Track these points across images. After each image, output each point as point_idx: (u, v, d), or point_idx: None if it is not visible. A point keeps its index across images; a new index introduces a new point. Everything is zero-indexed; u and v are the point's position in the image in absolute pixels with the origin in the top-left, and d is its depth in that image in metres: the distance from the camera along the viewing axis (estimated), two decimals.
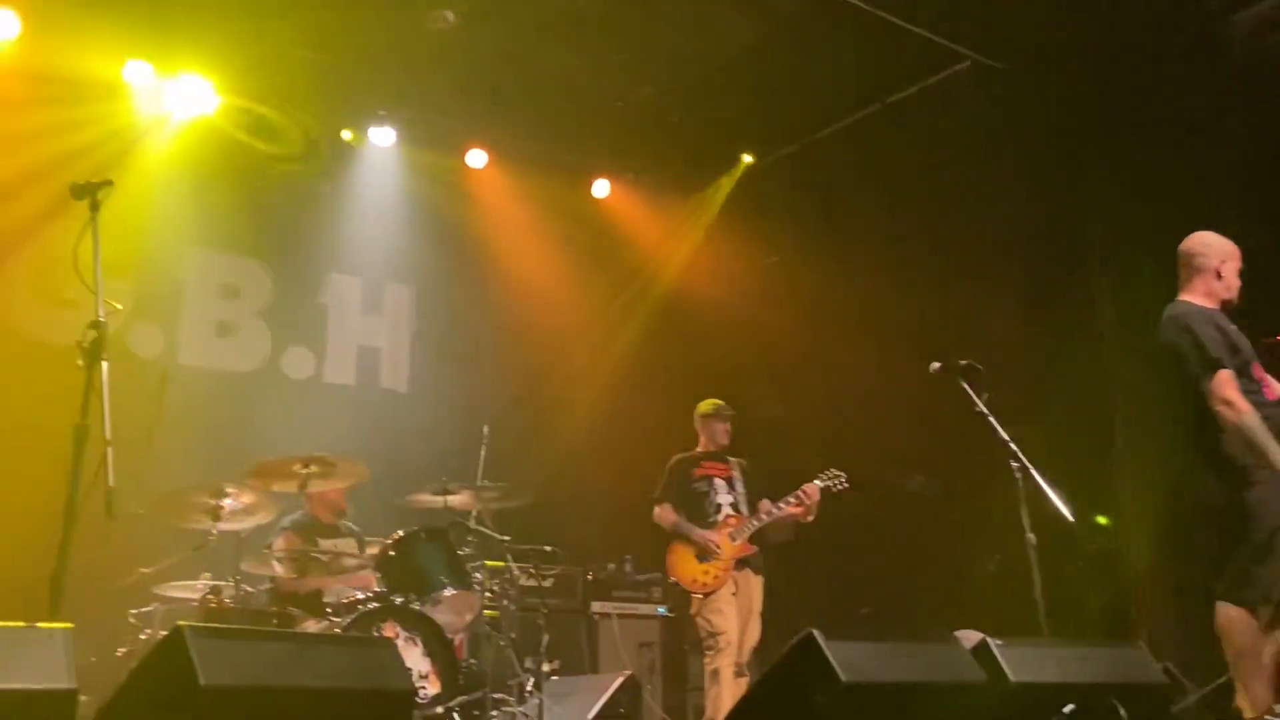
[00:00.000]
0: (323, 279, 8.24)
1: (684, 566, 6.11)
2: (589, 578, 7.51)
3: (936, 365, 5.07)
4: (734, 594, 6.02)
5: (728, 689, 5.78)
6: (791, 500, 6.09)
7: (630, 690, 6.33)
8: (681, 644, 7.55)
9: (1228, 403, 4.06)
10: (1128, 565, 6.57)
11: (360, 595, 5.41)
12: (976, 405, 4.86)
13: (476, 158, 8.30)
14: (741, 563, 6.10)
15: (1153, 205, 6.47)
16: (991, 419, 4.81)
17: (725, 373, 8.41)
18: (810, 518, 6.11)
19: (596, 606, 7.40)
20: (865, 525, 7.39)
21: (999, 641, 3.60)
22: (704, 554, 6.06)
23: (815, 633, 3.26)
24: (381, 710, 3.10)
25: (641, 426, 8.47)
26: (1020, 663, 3.57)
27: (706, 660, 5.99)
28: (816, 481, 6.10)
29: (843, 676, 3.16)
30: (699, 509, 6.22)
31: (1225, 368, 4.16)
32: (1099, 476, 6.72)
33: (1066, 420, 6.95)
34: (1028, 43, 6.87)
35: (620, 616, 7.34)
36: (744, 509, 6.20)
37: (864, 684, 3.18)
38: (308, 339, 8.09)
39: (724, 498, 6.25)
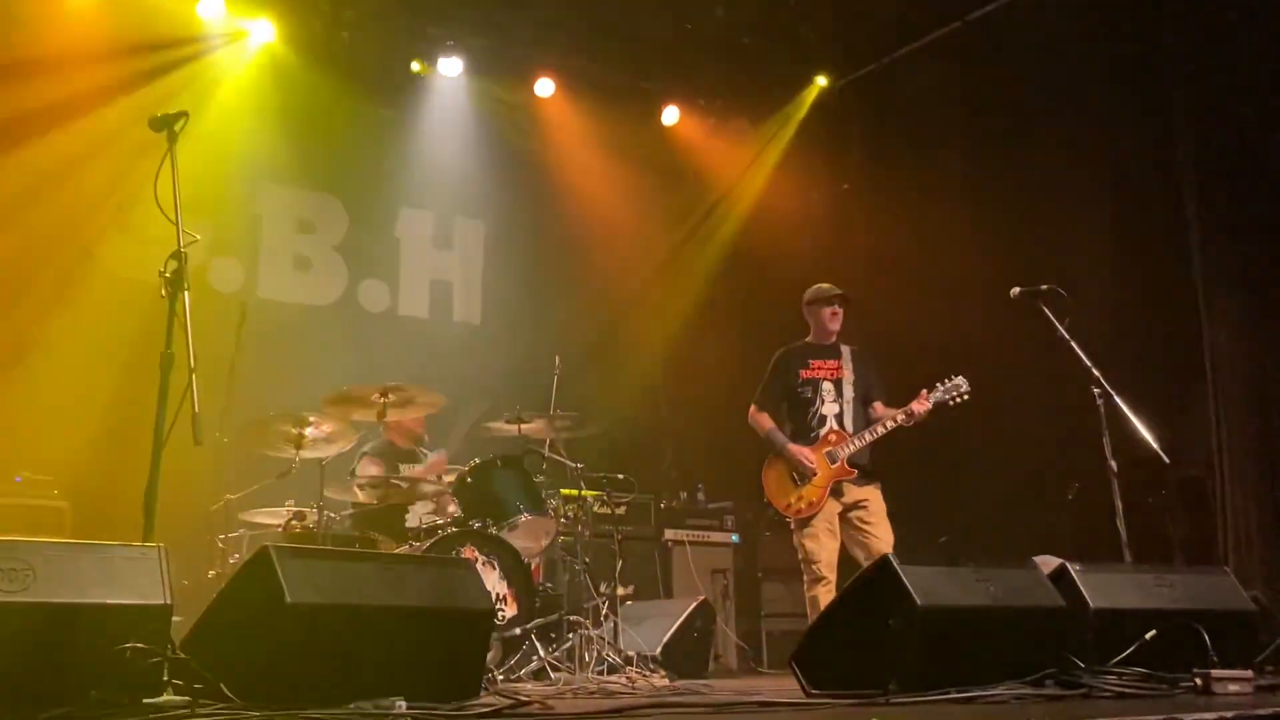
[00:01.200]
0: (395, 213, 8.30)
1: (778, 487, 5.50)
2: (661, 505, 7.56)
3: (1017, 290, 4.97)
4: (840, 513, 5.41)
5: None
6: (900, 418, 5.42)
7: (704, 614, 6.38)
8: (755, 571, 7.61)
9: None
10: (1216, 494, 6.42)
11: (439, 520, 5.52)
12: (1058, 330, 4.76)
13: (544, 87, 8.23)
14: (847, 483, 5.43)
15: (1242, 130, 6.21)
16: (1074, 344, 4.71)
17: (799, 303, 8.33)
18: (913, 423, 5.45)
19: (669, 534, 7.46)
20: (947, 451, 7.31)
21: (1079, 567, 3.57)
22: (798, 474, 5.44)
23: (891, 556, 3.26)
24: (462, 628, 3.16)
25: (714, 357, 8.46)
26: (1101, 589, 3.54)
27: (806, 586, 5.43)
28: (929, 396, 5.41)
29: (919, 600, 3.15)
30: (802, 419, 5.55)
31: None
32: (1188, 405, 6.55)
33: (1155, 347, 6.77)
34: None
35: (692, 544, 7.40)
36: (849, 421, 5.52)
37: (939, 607, 3.17)
38: (382, 272, 8.18)
39: (829, 408, 5.53)
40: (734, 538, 7.63)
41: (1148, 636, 3.41)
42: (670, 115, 8.75)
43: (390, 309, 8.17)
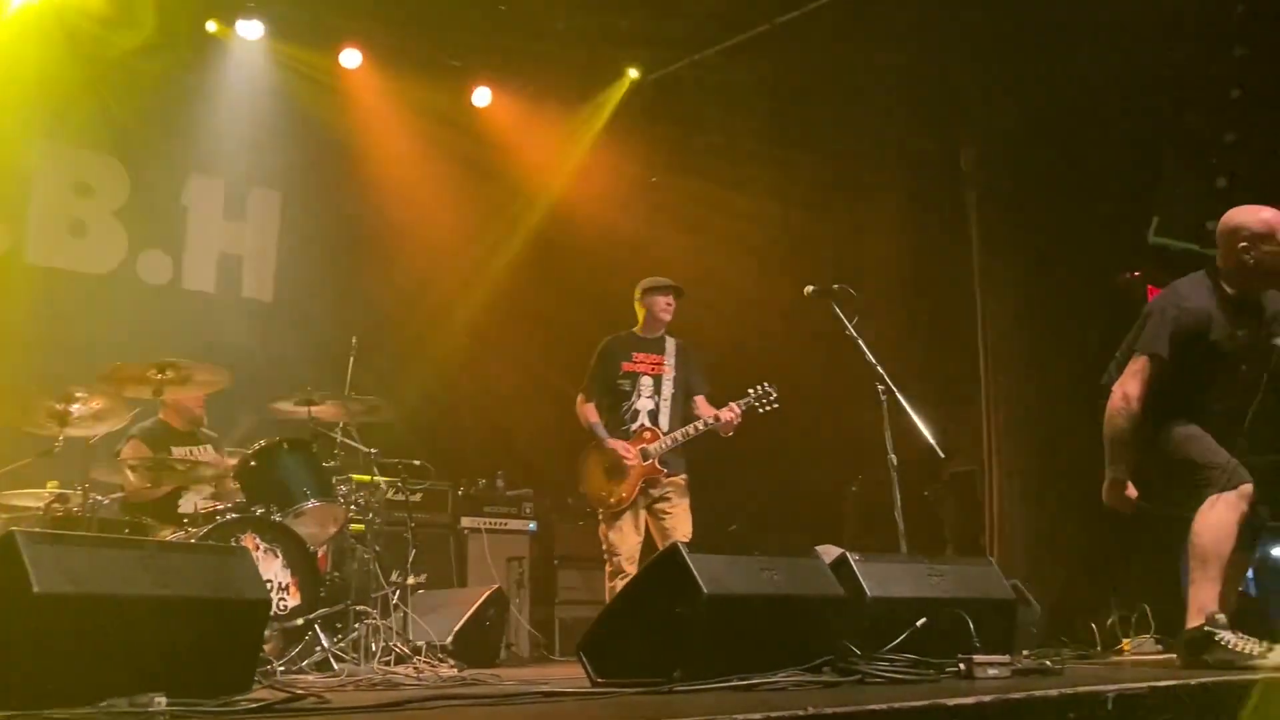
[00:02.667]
0: (183, 180, 7.81)
1: (593, 479, 5.63)
2: (459, 493, 7.45)
3: (810, 288, 5.11)
4: (645, 509, 5.60)
5: None
6: (710, 421, 5.61)
7: (498, 603, 6.34)
8: (551, 558, 7.60)
9: (1124, 395, 4.07)
10: (985, 488, 6.83)
11: (219, 505, 5.24)
12: (846, 328, 4.93)
13: (350, 57, 7.92)
14: (656, 479, 5.59)
15: (1021, 133, 6.61)
16: (860, 342, 4.89)
17: (606, 291, 8.36)
18: (728, 433, 5.68)
19: (466, 521, 7.36)
20: (737, 444, 7.48)
21: (857, 556, 3.70)
22: (613, 468, 5.56)
23: (679, 544, 3.29)
24: (233, 619, 3.00)
25: (517, 343, 8.40)
26: (877, 578, 3.68)
27: (607, 577, 5.62)
28: (739, 404, 5.60)
29: (705, 588, 3.19)
30: (616, 413, 5.68)
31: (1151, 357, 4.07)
32: (963, 404, 6.94)
33: (936, 347, 7.15)
34: None
35: (489, 531, 7.33)
36: (664, 419, 5.66)
37: (725, 595, 3.23)
38: (165, 243, 7.68)
39: (644, 403, 5.68)
40: (531, 525, 7.60)
41: (918, 624, 3.56)
42: (482, 96, 8.61)
43: (173, 281, 7.67)
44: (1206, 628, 3.79)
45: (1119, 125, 6.29)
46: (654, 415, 5.68)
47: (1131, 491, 4.09)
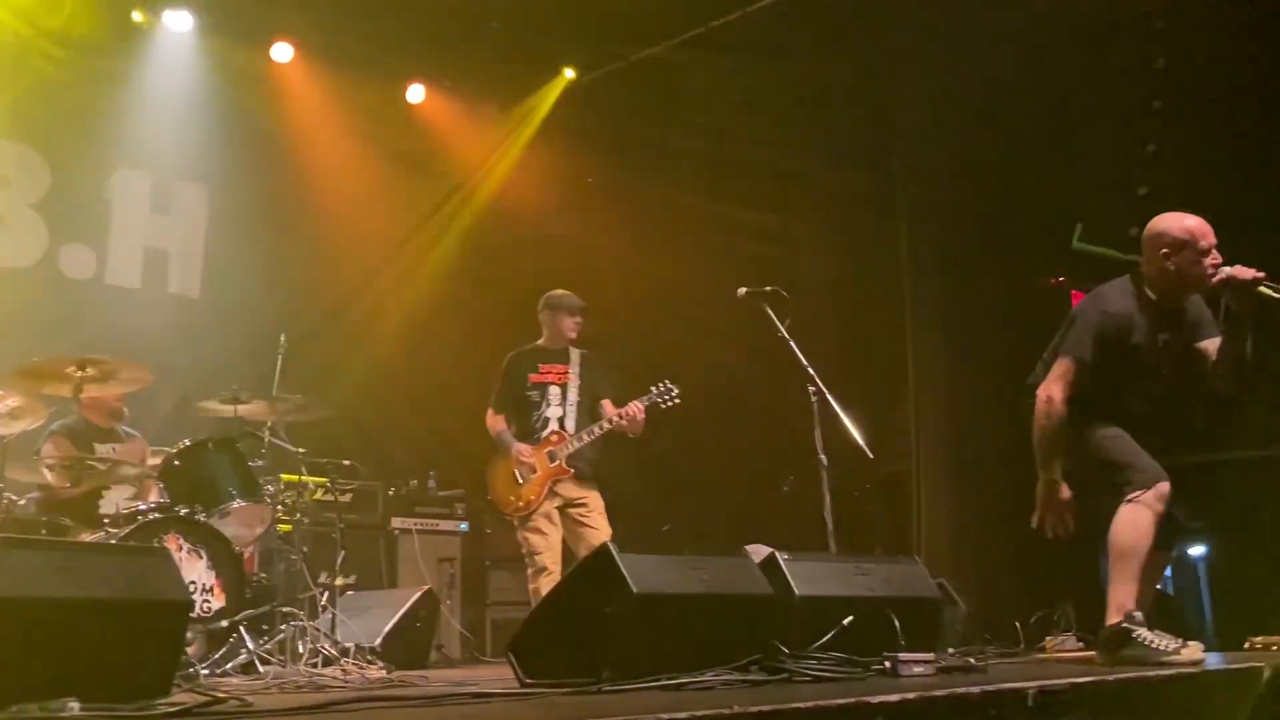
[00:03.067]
0: (108, 173, 7.62)
1: (498, 486, 5.84)
2: (390, 493, 7.37)
3: (743, 290, 5.14)
4: (559, 508, 5.73)
5: None
6: (614, 419, 5.77)
7: (428, 604, 6.28)
8: (482, 559, 7.56)
9: (1048, 398, 4.12)
10: (913, 488, 6.92)
11: (141, 506, 5.13)
12: (779, 330, 4.97)
13: (282, 51, 7.81)
14: (565, 481, 5.75)
15: (948, 138, 6.72)
16: (792, 344, 4.93)
17: (541, 291, 8.32)
18: (636, 433, 5.83)
19: (397, 522, 7.28)
20: (671, 445, 7.51)
21: (786, 556, 3.72)
22: (519, 474, 5.73)
23: (609, 544, 3.28)
24: (152, 622, 2.93)
25: (451, 343, 8.33)
26: (805, 577, 3.71)
27: (529, 578, 5.76)
28: (642, 400, 5.75)
29: (634, 587, 3.19)
30: (527, 421, 5.86)
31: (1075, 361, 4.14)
32: (892, 405, 7.03)
33: (866, 350, 7.24)
34: None
35: (420, 532, 7.25)
36: (570, 423, 5.83)
37: (654, 595, 3.23)
38: (88, 237, 7.48)
39: (553, 411, 5.86)
40: (463, 526, 7.54)
41: (845, 622, 3.59)
42: (416, 93, 8.53)
43: (96, 276, 7.48)
44: (1124, 625, 3.88)
45: (1043, 132, 6.42)
46: (562, 421, 5.87)
47: (1065, 493, 4.13)
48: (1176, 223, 4.12)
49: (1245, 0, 5.89)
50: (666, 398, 5.76)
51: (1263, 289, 3.96)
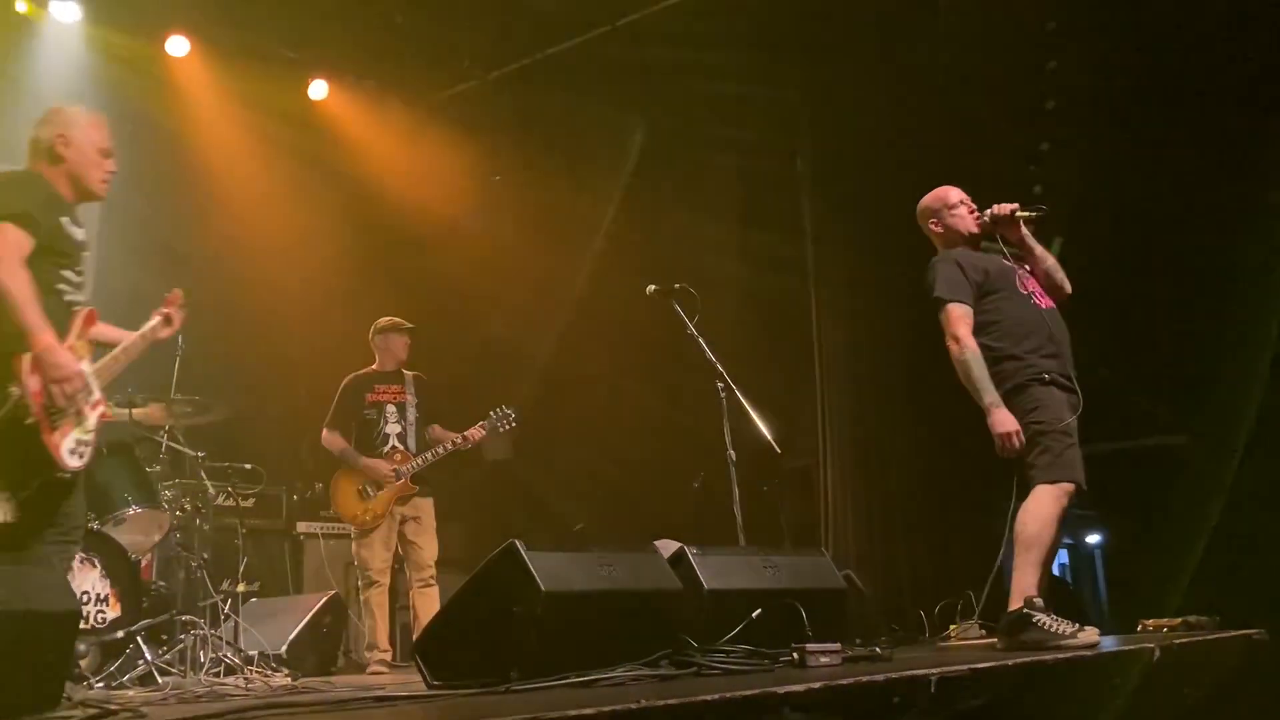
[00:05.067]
0: None
1: (345, 500, 6.07)
2: (294, 497, 7.22)
3: (652, 287, 5.16)
4: (401, 525, 6.04)
5: (381, 617, 6.02)
6: (458, 441, 6.13)
7: (335, 610, 6.18)
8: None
9: (954, 337, 4.22)
10: (820, 483, 7.02)
11: None
12: (687, 327, 4.99)
13: (177, 45, 7.58)
14: (406, 497, 6.06)
15: (852, 138, 6.84)
16: (700, 341, 4.96)
17: (446, 290, 8.24)
18: (495, 457, 6.45)
19: (302, 526, 7.14)
20: (582, 442, 7.50)
21: (695, 550, 3.74)
22: (364, 489, 6.01)
23: (517, 543, 3.25)
24: (37, 634, 2.82)
25: (356, 343, 8.16)
26: (714, 571, 3.73)
27: (360, 591, 6.10)
28: (481, 425, 6.12)
29: (542, 585, 3.17)
30: (368, 438, 6.13)
31: (955, 302, 4.26)
32: (800, 402, 7.12)
33: (774, 347, 7.31)
34: None
35: (326, 536, 7.11)
36: (411, 441, 6.13)
37: (562, 593, 3.21)
38: None
39: (393, 428, 6.15)
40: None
41: (754, 615, 3.62)
42: (319, 89, 8.37)
43: None
44: (1025, 610, 3.98)
45: (942, 130, 6.57)
46: (402, 438, 6.15)
47: (1008, 422, 4.08)
48: (927, 196, 4.60)
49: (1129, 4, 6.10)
50: (505, 421, 6.15)
51: (1019, 215, 4.40)
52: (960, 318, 4.26)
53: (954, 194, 4.54)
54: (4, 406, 3.31)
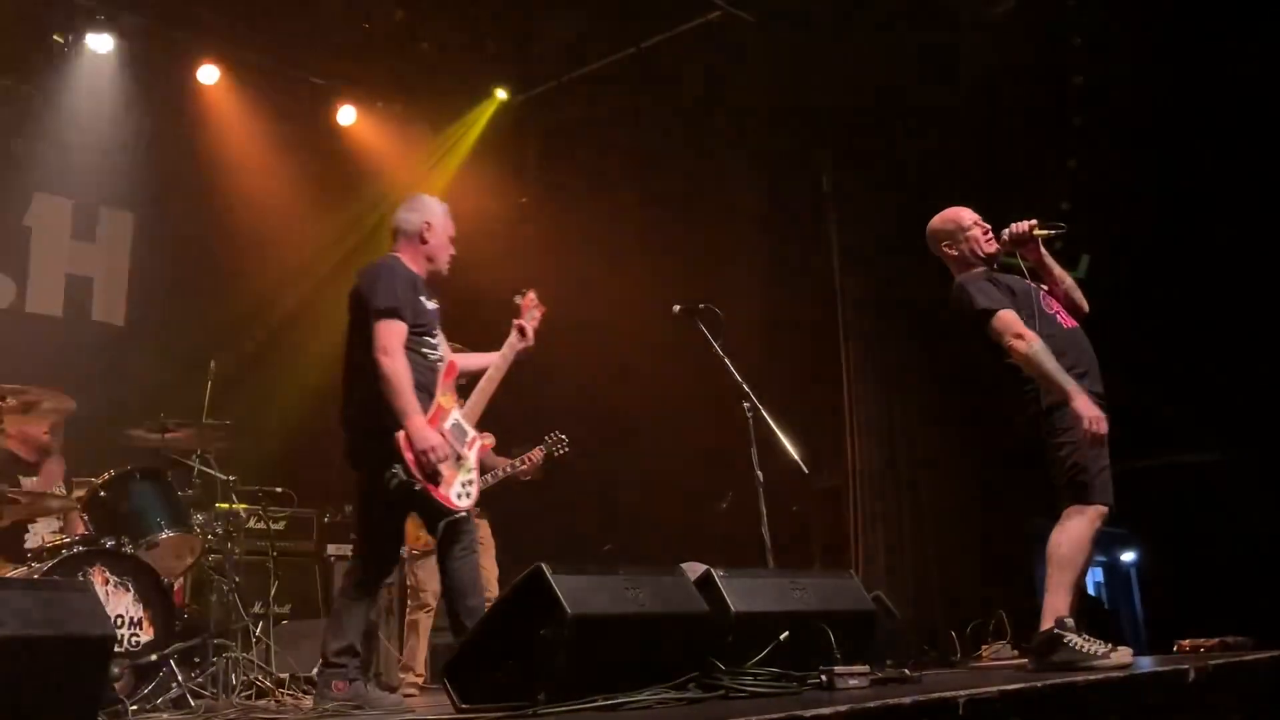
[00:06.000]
0: (26, 199, 7.43)
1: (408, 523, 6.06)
2: (325, 520, 7.25)
3: (678, 308, 5.17)
4: None
5: (423, 642, 5.95)
6: (518, 465, 6.06)
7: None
8: None
9: (1018, 335, 4.13)
10: (850, 504, 6.98)
11: (66, 539, 4.99)
12: (713, 347, 4.99)
13: (208, 73, 7.69)
14: None
15: (879, 159, 6.83)
16: (727, 361, 4.95)
17: (472, 312, 8.27)
18: (531, 477, 6.14)
19: (333, 549, 7.16)
20: (609, 463, 7.50)
21: (722, 573, 3.73)
22: None
23: (543, 566, 3.26)
24: (73, 658, 2.85)
25: None
26: (741, 593, 3.71)
27: (408, 611, 6.02)
28: (540, 449, 6.07)
29: (569, 609, 3.17)
30: None
31: (1003, 309, 4.19)
32: (830, 422, 7.08)
33: (802, 367, 7.29)
34: None
35: None
36: None
37: (589, 616, 3.21)
38: (7, 264, 7.29)
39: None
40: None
41: (781, 638, 3.61)
42: (346, 114, 8.45)
43: (15, 305, 7.28)
44: (1055, 631, 3.94)
45: (970, 150, 6.56)
46: None
47: (1093, 407, 3.98)
48: (938, 219, 4.50)
49: (1155, 21, 6.07)
50: (559, 446, 6.08)
51: (1038, 233, 4.31)
52: (1014, 320, 4.18)
53: (967, 216, 4.47)
54: (392, 484, 3.95)
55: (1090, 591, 6.43)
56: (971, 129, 6.67)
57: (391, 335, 4.05)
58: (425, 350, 4.21)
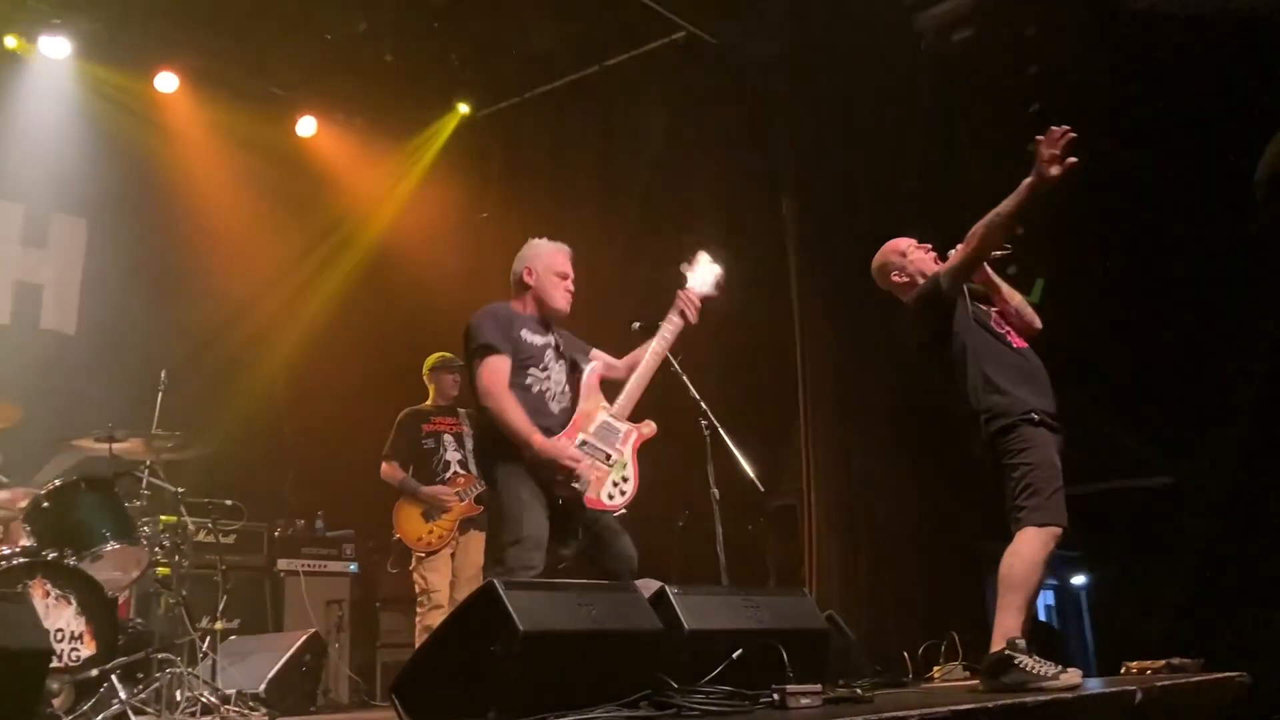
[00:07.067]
0: None
1: (409, 524, 6.11)
2: (276, 534, 7.16)
3: (637, 325, 5.16)
4: (452, 554, 6.10)
5: None
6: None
7: (314, 648, 6.10)
8: (372, 601, 7.39)
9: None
10: (804, 523, 6.99)
11: (5, 550, 4.88)
12: (671, 365, 4.99)
13: (166, 81, 7.61)
14: (466, 522, 6.12)
15: (837, 182, 6.89)
16: (685, 378, 4.95)
17: (433, 329, 8.22)
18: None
19: (283, 564, 7.07)
20: None
21: (676, 590, 3.71)
22: (431, 512, 6.08)
23: (495, 581, 3.23)
24: (8, 672, 2.78)
25: (342, 379, 8.17)
26: (695, 611, 3.69)
27: (418, 617, 6.06)
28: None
29: (521, 625, 3.14)
30: (426, 466, 6.18)
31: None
32: (786, 440, 7.10)
33: (760, 385, 7.30)
34: (736, 20, 7.12)
35: (307, 574, 7.06)
36: (473, 467, 6.13)
37: (541, 632, 3.18)
38: None
39: (452, 454, 6.23)
40: (352, 567, 7.37)
41: (734, 656, 3.59)
42: (307, 126, 8.40)
43: None
44: (1006, 652, 3.96)
45: (924, 173, 6.63)
46: (464, 464, 6.21)
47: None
48: (878, 255, 4.65)
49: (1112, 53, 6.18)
50: None
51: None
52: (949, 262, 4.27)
53: (904, 241, 4.58)
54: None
55: (1041, 615, 6.47)
56: (927, 153, 6.74)
57: (487, 372, 4.28)
58: (529, 382, 4.37)
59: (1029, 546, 4.05)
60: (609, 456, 4.35)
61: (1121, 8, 6.21)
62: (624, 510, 4.39)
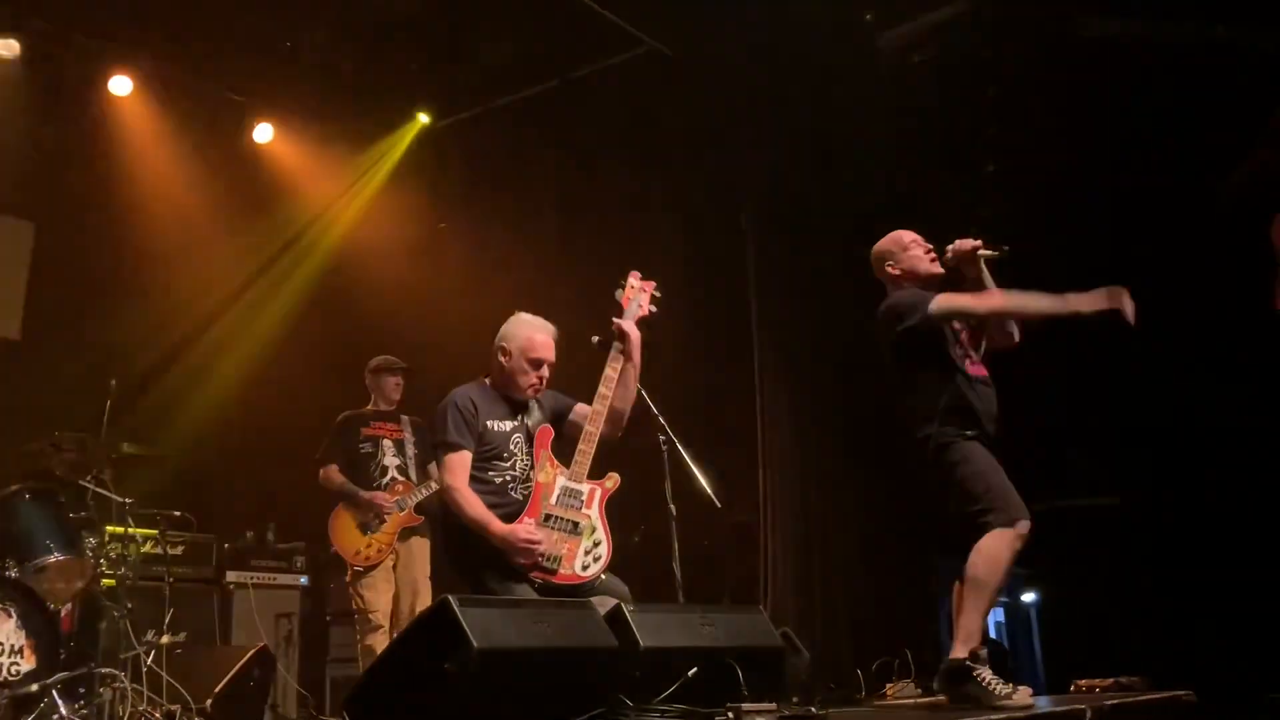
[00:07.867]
0: None
1: (346, 536, 5.85)
2: (225, 546, 7.04)
3: (596, 339, 5.14)
4: (394, 566, 5.84)
5: None
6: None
7: (263, 662, 5.98)
8: (323, 614, 7.29)
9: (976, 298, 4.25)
10: (762, 539, 6.99)
11: None
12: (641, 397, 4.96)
13: (121, 84, 7.48)
14: (407, 531, 5.86)
15: (796, 198, 6.94)
16: (643, 393, 4.93)
17: (388, 337, 8.15)
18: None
19: (232, 576, 6.95)
20: None
21: (632, 607, 3.70)
22: (368, 523, 5.81)
23: (450, 598, 3.20)
24: None
25: (296, 389, 8.06)
26: (650, 628, 3.68)
27: (361, 636, 5.83)
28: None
29: (475, 642, 3.11)
30: (364, 471, 5.92)
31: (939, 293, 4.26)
32: (743, 457, 7.11)
33: (718, 401, 7.32)
34: (700, 36, 7.15)
35: (256, 586, 6.94)
36: (413, 474, 5.96)
37: (496, 649, 3.15)
38: None
39: (391, 460, 5.98)
40: (303, 580, 7.26)
41: (690, 674, 3.58)
42: (263, 132, 8.30)
43: None
44: (969, 662, 3.96)
45: (888, 192, 6.70)
46: (403, 470, 5.99)
47: (1098, 297, 4.08)
48: (882, 241, 4.61)
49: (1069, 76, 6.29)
50: None
51: (981, 253, 4.38)
52: (957, 294, 4.29)
53: (906, 235, 4.55)
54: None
55: (991, 632, 6.53)
56: (887, 172, 6.81)
57: (449, 468, 4.25)
58: (491, 474, 4.31)
59: (993, 545, 3.98)
60: (576, 525, 4.24)
61: (1074, 35, 6.34)
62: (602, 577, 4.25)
